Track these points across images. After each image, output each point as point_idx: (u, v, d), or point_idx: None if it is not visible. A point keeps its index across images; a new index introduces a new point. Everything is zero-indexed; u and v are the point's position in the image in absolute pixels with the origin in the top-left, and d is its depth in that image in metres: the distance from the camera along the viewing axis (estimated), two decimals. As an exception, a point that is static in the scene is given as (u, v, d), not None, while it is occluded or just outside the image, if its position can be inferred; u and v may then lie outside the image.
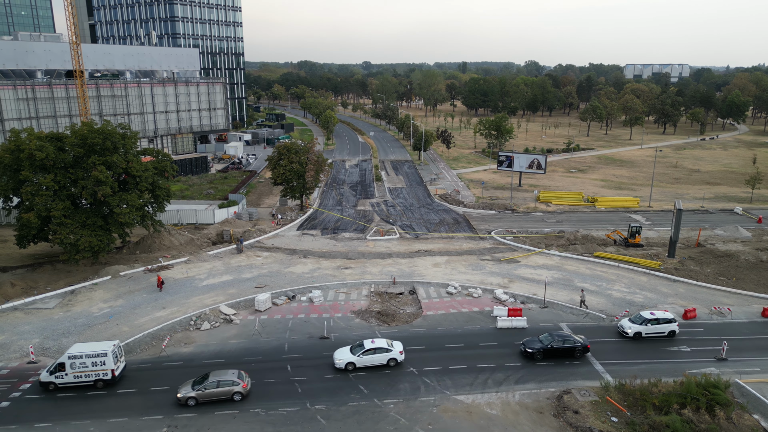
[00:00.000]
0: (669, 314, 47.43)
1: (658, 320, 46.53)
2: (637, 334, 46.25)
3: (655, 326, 46.38)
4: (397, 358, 41.78)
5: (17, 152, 56.95)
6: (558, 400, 37.86)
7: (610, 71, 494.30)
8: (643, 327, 46.32)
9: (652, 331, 46.34)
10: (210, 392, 37.13)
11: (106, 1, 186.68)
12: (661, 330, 46.50)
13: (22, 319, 49.95)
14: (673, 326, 46.69)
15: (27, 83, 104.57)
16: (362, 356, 41.19)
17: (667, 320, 46.78)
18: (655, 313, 47.13)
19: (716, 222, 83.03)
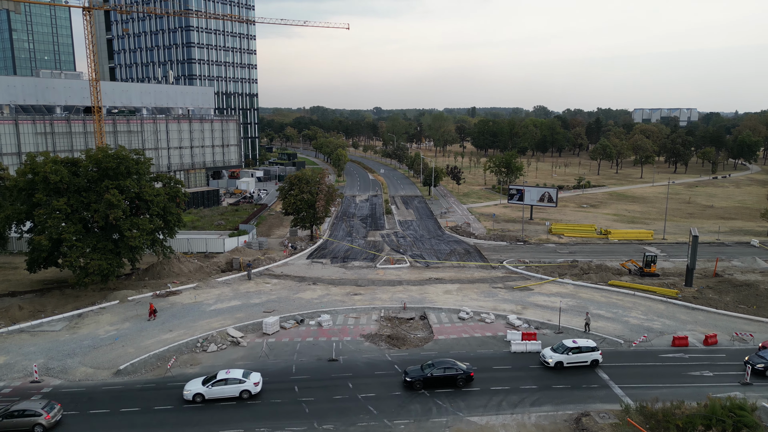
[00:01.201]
0: (592, 343, 44.76)
1: (580, 349, 43.76)
2: (558, 363, 43.42)
3: (576, 355, 43.52)
4: (251, 390, 38.93)
5: (32, 175, 57.63)
6: (576, 422, 36.24)
7: (618, 116, 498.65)
8: (564, 356, 43.51)
9: (574, 360, 43.44)
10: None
11: (126, 45, 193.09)
12: (583, 359, 43.59)
13: (28, 340, 49.37)
14: (595, 355, 43.82)
15: (46, 118, 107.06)
16: (211, 387, 38.76)
17: (590, 348, 43.97)
18: (578, 342, 44.50)
19: (733, 254, 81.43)
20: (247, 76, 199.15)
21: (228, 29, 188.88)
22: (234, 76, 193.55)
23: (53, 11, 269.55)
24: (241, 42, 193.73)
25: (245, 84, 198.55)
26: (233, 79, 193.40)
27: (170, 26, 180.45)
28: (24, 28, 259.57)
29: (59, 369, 43.78)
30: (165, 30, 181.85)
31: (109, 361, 44.96)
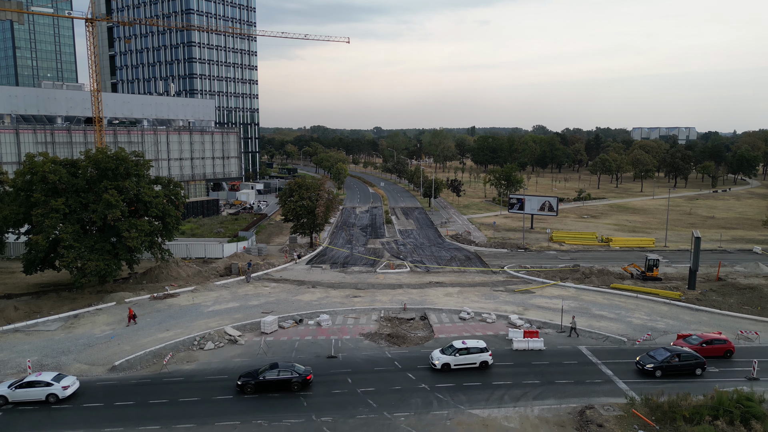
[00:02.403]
0: (482, 343, 43.03)
1: (469, 350, 42.00)
2: (444, 365, 41.55)
3: (464, 356, 41.70)
4: (58, 394, 36.66)
5: (30, 175, 57.43)
6: (580, 415, 35.42)
7: (617, 134, 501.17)
8: (452, 358, 41.72)
9: (461, 361, 41.64)
10: None
11: (129, 61, 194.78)
12: (471, 360, 41.80)
13: (22, 339, 48.66)
14: (484, 356, 42.02)
15: (47, 128, 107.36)
16: (15, 390, 36.71)
17: (479, 350, 42.17)
18: (467, 343, 42.80)
19: (735, 260, 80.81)
20: (248, 91, 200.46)
21: (229, 45, 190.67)
22: (235, 91, 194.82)
23: (56, 24, 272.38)
24: (242, 58, 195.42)
25: (246, 99, 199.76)
26: (234, 94, 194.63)
27: (172, 42, 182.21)
28: (27, 43, 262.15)
29: (53, 365, 42.98)
30: (167, 45, 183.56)
31: (104, 358, 44.21)
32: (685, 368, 41.12)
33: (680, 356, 41.32)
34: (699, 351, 43.59)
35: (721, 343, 44.96)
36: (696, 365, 41.40)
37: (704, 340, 44.84)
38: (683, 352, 41.87)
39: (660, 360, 41.20)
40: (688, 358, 41.48)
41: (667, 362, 40.89)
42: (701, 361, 41.59)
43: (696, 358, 41.65)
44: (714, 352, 44.30)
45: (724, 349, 44.63)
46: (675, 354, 41.39)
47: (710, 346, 44.46)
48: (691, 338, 45.75)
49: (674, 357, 41.18)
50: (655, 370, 40.71)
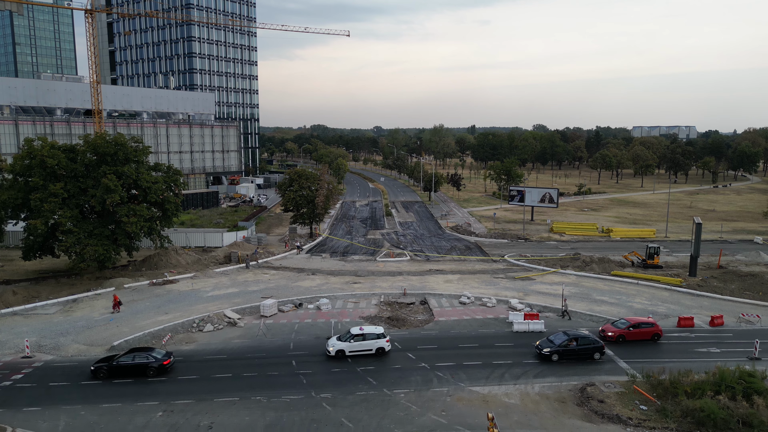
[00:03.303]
0: (380, 329, 41.64)
1: (365, 336, 40.51)
2: (339, 352, 40.06)
3: (360, 343, 40.24)
4: None
5: (29, 160, 57.21)
6: (581, 392, 35.23)
7: (618, 133, 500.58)
8: (346, 344, 40.27)
9: (357, 348, 40.15)
10: None
11: (128, 56, 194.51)
12: (367, 347, 40.27)
13: (21, 322, 48.45)
14: (381, 342, 40.48)
15: (46, 119, 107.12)
16: None
17: (376, 335, 40.76)
18: (364, 329, 41.43)
19: (736, 250, 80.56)
20: (248, 87, 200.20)
21: (229, 40, 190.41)
22: (235, 86, 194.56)
23: (56, 21, 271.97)
24: (242, 53, 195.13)
25: (246, 95, 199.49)
26: (234, 89, 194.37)
27: (172, 37, 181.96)
28: (27, 39, 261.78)
29: (51, 346, 42.85)
30: (167, 41, 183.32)
31: (102, 339, 44.03)
32: (582, 352, 39.68)
33: (578, 340, 39.99)
34: (626, 335, 42.93)
35: (648, 326, 43.83)
36: (594, 349, 39.84)
37: (631, 324, 43.74)
38: (581, 336, 40.63)
39: (557, 344, 39.94)
40: (585, 342, 40.05)
41: (564, 346, 39.58)
42: (599, 345, 40.08)
43: (594, 343, 40.16)
44: (641, 336, 43.32)
45: (652, 333, 43.56)
46: (573, 338, 40.07)
47: (637, 330, 43.42)
48: (618, 322, 44.67)
49: (572, 341, 39.83)
50: (552, 354, 39.45)
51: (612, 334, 43.47)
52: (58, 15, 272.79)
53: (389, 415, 32.13)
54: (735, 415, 30.65)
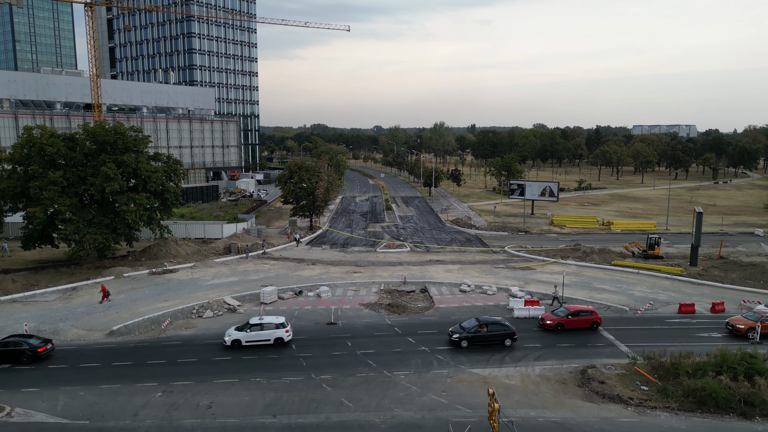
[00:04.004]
0: (280, 319, 40.26)
1: (263, 326, 39.24)
2: (235, 342, 38.76)
3: (257, 332, 39.01)
4: None
5: (28, 149, 57.09)
6: (582, 373, 35.11)
7: (618, 132, 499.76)
8: (243, 334, 39.06)
9: (253, 338, 38.95)
10: None
11: (128, 52, 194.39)
12: (264, 337, 39.09)
13: (20, 308, 48.34)
14: (280, 332, 39.23)
15: (46, 113, 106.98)
16: None
17: (275, 325, 39.50)
18: (264, 319, 40.16)
19: (737, 242, 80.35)
20: (248, 83, 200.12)
21: (229, 36, 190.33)
22: (235, 83, 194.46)
23: (56, 18, 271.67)
24: (242, 49, 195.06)
25: (246, 91, 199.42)
26: (234, 85, 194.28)
27: (172, 33, 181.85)
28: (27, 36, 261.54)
29: (50, 331, 42.70)
30: (167, 37, 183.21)
31: (102, 324, 43.93)
32: (492, 338, 39.04)
33: (488, 326, 39.38)
34: (565, 323, 42.15)
35: (587, 314, 43.02)
36: (505, 336, 39.16)
37: (570, 312, 42.93)
38: (492, 322, 40.02)
39: (467, 330, 39.36)
40: (496, 328, 39.42)
41: (474, 332, 38.99)
42: (510, 331, 39.34)
43: (505, 329, 39.45)
44: (580, 324, 42.47)
45: (590, 321, 42.71)
46: (483, 324, 39.44)
47: (576, 318, 42.58)
48: (558, 310, 43.91)
49: (482, 327, 39.20)
50: (461, 341, 38.82)
51: (551, 322, 42.59)
52: (57, 12, 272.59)
53: (389, 395, 32.02)
54: (737, 394, 30.52)
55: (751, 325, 41.42)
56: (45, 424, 29.03)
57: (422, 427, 28.34)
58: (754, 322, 41.56)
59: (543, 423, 28.75)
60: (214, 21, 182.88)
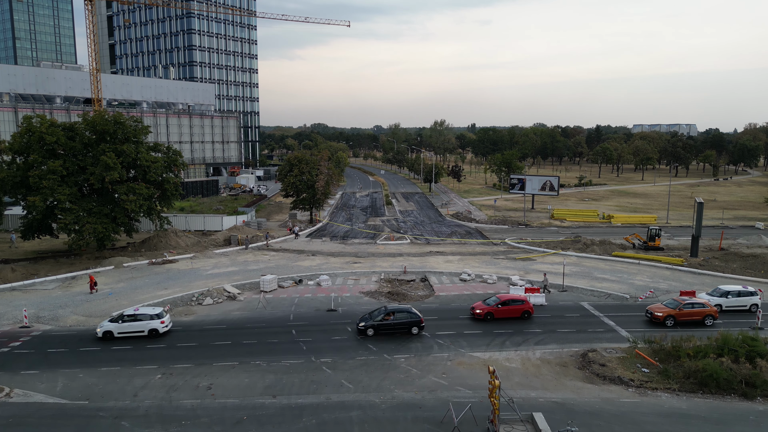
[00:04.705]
0: (157, 310, 39.25)
1: (136, 317, 38.24)
2: (107, 333, 37.63)
3: (130, 324, 38.01)
4: None
5: (27, 137, 57.00)
6: (582, 357, 35.02)
7: (618, 131, 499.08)
8: (115, 325, 37.96)
9: (126, 329, 37.85)
10: None
11: (128, 49, 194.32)
12: (138, 328, 37.99)
13: (19, 296, 48.25)
14: (155, 324, 38.18)
15: (45, 107, 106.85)
16: None
17: (150, 316, 38.36)
18: (139, 309, 39.29)
19: (738, 234, 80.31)
20: (248, 80, 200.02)
21: (229, 33, 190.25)
22: (235, 79, 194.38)
23: (56, 16, 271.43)
24: (242, 46, 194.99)
25: (246, 88, 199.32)
26: (234, 82, 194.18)
27: (172, 30, 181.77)
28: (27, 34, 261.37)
29: (50, 317, 42.67)
30: (167, 33, 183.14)
31: (101, 311, 43.83)
32: (398, 326, 38.46)
33: (395, 314, 38.91)
34: (494, 312, 41.42)
35: (518, 303, 42.38)
36: (411, 324, 38.57)
37: (501, 301, 42.21)
38: (398, 310, 39.64)
39: (374, 318, 38.88)
40: (402, 317, 38.86)
41: (380, 321, 38.51)
42: (417, 320, 38.66)
43: (412, 317, 38.80)
44: (511, 313, 41.76)
45: (521, 310, 42.05)
46: (390, 312, 39.02)
47: (506, 307, 41.85)
48: (489, 299, 43.11)
49: (389, 315, 38.73)
50: (367, 329, 38.30)
51: (480, 311, 41.69)
52: (58, 10, 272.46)
53: (389, 377, 31.93)
54: (738, 375, 30.43)
55: (669, 312, 40.72)
56: (44, 404, 28.94)
57: (423, 407, 28.24)
58: (672, 309, 40.92)
59: (543, 403, 28.64)
60: (215, 18, 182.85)
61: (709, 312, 41.15)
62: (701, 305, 41.47)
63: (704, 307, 41.32)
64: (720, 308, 43.60)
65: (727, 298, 44.38)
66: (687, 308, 41.00)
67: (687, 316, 40.80)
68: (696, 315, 40.96)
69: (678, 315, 40.67)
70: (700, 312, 41.08)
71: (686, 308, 40.98)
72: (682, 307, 40.97)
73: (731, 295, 44.60)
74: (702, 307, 41.34)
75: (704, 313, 41.05)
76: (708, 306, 41.56)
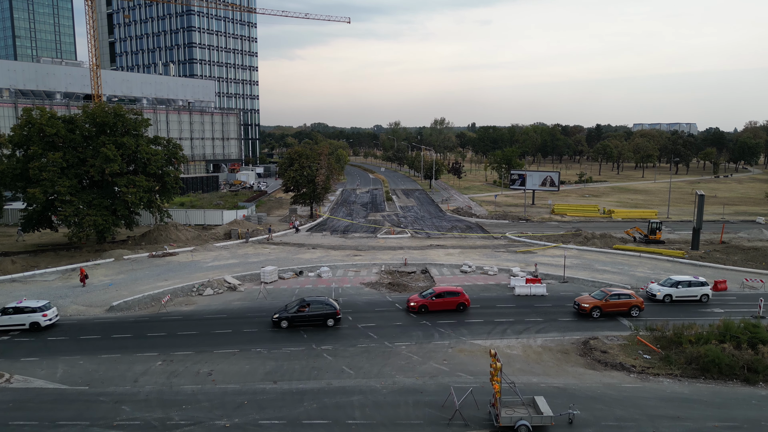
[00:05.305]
0: (42, 302, 38.56)
1: (20, 310, 37.32)
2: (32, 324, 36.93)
3: (9, 317, 36.96)
4: None
5: (27, 130, 56.91)
6: (584, 344, 35.00)
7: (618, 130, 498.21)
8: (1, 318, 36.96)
9: (6, 323, 36.95)
10: None
11: (128, 47, 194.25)
12: (19, 321, 37.17)
13: (19, 287, 48.13)
14: (36, 317, 37.22)
15: (45, 103, 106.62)
16: None
17: (33, 309, 37.56)
18: (23, 302, 38.39)
19: (739, 229, 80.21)
20: (248, 78, 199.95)
21: (229, 30, 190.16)
22: (235, 77, 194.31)
23: (56, 14, 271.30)
24: (242, 44, 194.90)
25: (246, 86, 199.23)
26: (234, 80, 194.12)
27: (172, 27, 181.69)
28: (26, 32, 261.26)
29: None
30: (167, 31, 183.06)
31: (101, 301, 43.77)
32: (313, 318, 38.03)
33: (310, 306, 38.39)
34: (429, 305, 40.77)
35: (453, 296, 41.57)
36: (327, 316, 38.12)
37: (435, 293, 41.64)
38: (314, 301, 39.11)
39: (289, 310, 38.52)
40: (318, 309, 38.35)
41: (295, 312, 38.07)
42: (333, 312, 38.21)
43: (328, 309, 38.34)
44: (446, 306, 41.04)
45: (457, 302, 41.28)
46: (306, 304, 38.54)
47: (440, 299, 41.18)
48: (425, 292, 42.49)
49: (303, 307, 38.27)
50: (281, 321, 37.80)
51: (414, 304, 41.05)
52: (58, 8, 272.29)
53: (390, 364, 31.87)
54: (740, 360, 30.36)
55: (595, 303, 40.25)
56: (44, 390, 28.89)
57: (424, 392, 28.17)
58: (599, 300, 40.44)
59: (545, 388, 28.57)
60: (215, 15, 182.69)
61: (635, 303, 40.67)
62: (627, 296, 41.03)
63: (630, 299, 40.87)
64: (670, 298, 43.95)
65: (677, 288, 44.33)
66: (613, 299, 40.53)
67: (613, 307, 40.34)
68: (622, 306, 40.52)
69: (604, 306, 40.19)
70: (626, 303, 40.61)
71: (612, 299, 40.51)
72: (609, 299, 40.55)
73: (682, 285, 44.54)
74: (628, 298, 40.90)
75: (630, 304, 40.57)
76: (634, 297, 41.13)
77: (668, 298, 43.87)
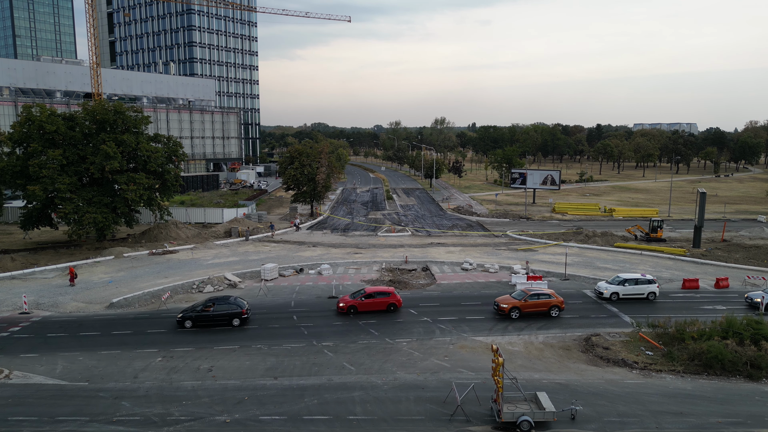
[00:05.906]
0: None
1: None
2: None
3: None
4: None
5: (27, 127, 56.78)
6: (585, 340, 34.84)
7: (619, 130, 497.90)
8: None
9: None
10: None
11: (129, 46, 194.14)
12: None
13: (19, 284, 48.03)
14: None
15: (45, 101, 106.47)
16: None
17: None
18: None
19: (740, 227, 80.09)
20: (249, 77, 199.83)
21: (230, 30, 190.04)
22: (235, 76, 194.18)
23: (56, 14, 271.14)
24: (242, 43, 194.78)
25: (246, 85, 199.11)
26: (234, 79, 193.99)
27: (172, 26, 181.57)
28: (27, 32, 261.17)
29: (50, 304, 42.49)
30: (167, 30, 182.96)
31: (101, 298, 43.65)
32: (218, 318, 37.26)
33: (215, 305, 37.82)
34: (358, 306, 39.86)
35: (383, 296, 40.69)
36: (233, 315, 37.39)
37: (365, 294, 40.71)
38: (219, 299, 38.73)
39: (195, 309, 37.81)
40: (224, 307, 37.74)
41: (200, 312, 37.42)
42: (238, 311, 37.47)
43: (234, 308, 37.67)
44: (375, 306, 40.13)
45: (387, 303, 40.38)
46: (211, 302, 38.03)
47: (370, 300, 40.26)
48: (356, 292, 41.72)
49: (208, 306, 37.63)
50: (185, 320, 37.12)
51: (343, 305, 40.13)
52: (58, 8, 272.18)
53: (391, 360, 31.73)
54: (743, 357, 30.20)
55: (514, 304, 39.27)
56: (43, 385, 28.75)
57: (425, 388, 28.03)
58: (518, 301, 39.49)
59: (547, 384, 28.41)
60: (215, 14, 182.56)
61: (555, 303, 39.57)
62: (547, 296, 39.93)
63: (550, 298, 39.78)
64: (617, 296, 43.47)
65: (624, 286, 43.74)
66: (532, 299, 39.55)
67: (532, 307, 39.29)
68: (542, 306, 39.47)
69: (523, 306, 39.18)
70: (545, 303, 39.52)
71: (531, 299, 39.55)
72: (528, 299, 39.56)
73: (629, 283, 43.93)
74: (548, 298, 39.83)
75: (550, 304, 39.52)
76: (554, 297, 40.02)
77: (615, 296, 43.38)
